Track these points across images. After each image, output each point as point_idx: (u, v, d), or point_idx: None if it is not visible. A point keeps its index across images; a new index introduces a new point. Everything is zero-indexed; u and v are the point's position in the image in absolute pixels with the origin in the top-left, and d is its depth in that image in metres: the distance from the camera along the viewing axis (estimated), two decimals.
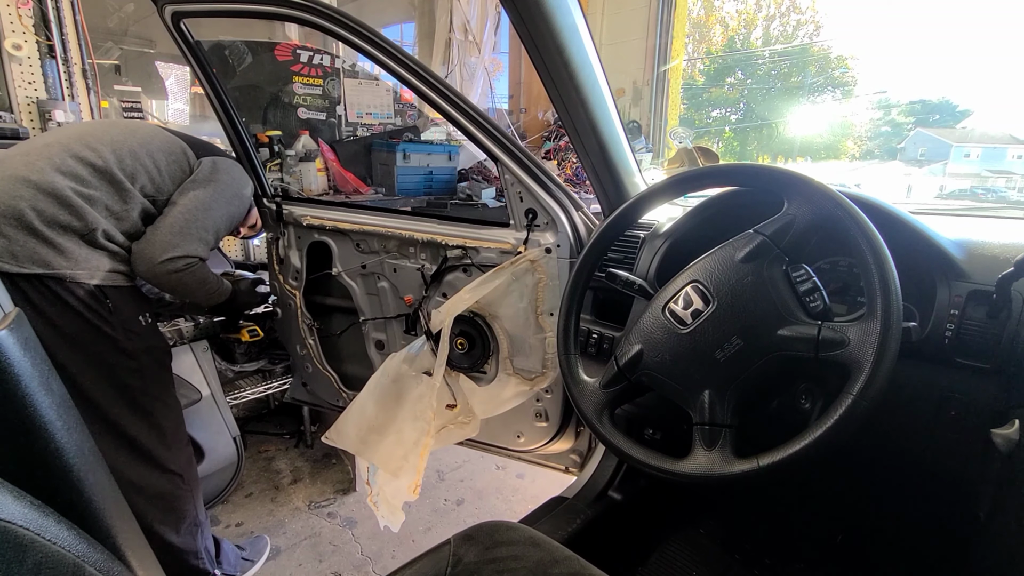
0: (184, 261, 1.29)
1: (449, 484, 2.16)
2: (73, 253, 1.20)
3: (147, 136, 1.37)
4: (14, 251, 1.13)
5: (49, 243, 1.16)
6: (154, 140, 1.37)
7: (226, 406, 1.90)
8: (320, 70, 2.67)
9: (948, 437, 0.85)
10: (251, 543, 1.74)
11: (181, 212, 1.32)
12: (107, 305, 1.24)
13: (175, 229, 1.29)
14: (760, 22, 14.33)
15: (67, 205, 1.19)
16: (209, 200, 1.36)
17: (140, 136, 1.35)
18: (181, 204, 1.33)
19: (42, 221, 1.16)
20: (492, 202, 2.62)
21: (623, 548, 1.22)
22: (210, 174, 1.40)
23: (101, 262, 1.24)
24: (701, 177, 0.91)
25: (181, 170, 1.39)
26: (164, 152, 1.36)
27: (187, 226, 1.31)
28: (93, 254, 1.23)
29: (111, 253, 1.26)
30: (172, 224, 1.30)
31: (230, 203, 1.43)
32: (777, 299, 0.76)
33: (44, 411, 0.49)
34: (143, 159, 1.32)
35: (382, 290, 1.52)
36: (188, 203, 1.33)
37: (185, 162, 1.40)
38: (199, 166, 1.42)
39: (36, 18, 1.97)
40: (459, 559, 0.81)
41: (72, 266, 1.19)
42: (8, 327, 0.48)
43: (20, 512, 0.38)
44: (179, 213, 1.31)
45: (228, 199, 1.42)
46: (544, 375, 1.33)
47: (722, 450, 0.76)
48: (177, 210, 1.32)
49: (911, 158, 10.56)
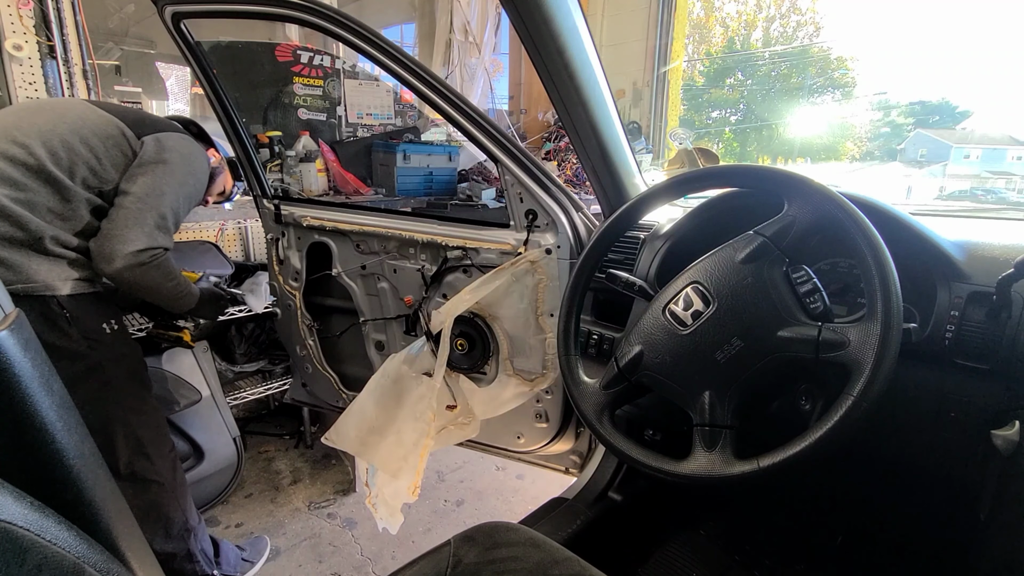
0: (149, 254, 1.21)
1: (449, 485, 2.16)
2: (23, 266, 1.12)
3: (78, 120, 1.25)
4: None
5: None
6: (86, 124, 1.25)
7: (226, 407, 1.90)
8: (320, 71, 2.67)
9: (948, 438, 0.85)
10: (251, 543, 1.73)
11: (134, 202, 1.23)
12: (65, 316, 1.17)
13: (131, 221, 1.21)
14: (760, 23, 14.34)
15: (5, 216, 1.11)
16: (160, 184, 1.27)
17: (70, 120, 1.24)
18: (132, 193, 1.24)
19: None
20: (492, 203, 2.62)
21: (623, 549, 1.21)
22: (156, 154, 1.29)
23: (55, 271, 1.17)
24: (701, 178, 0.91)
25: (123, 154, 1.28)
26: (100, 137, 1.25)
27: (142, 216, 1.22)
28: (44, 263, 1.16)
29: (65, 259, 1.19)
30: (127, 216, 1.21)
31: (184, 183, 1.33)
32: (777, 300, 0.76)
33: (44, 412, 0.49)
34: (78, 148, 1.21)
35: (382, 291, 1.52)
36: (139, 191, 1.24)
37: (125, 144, 1.29)
38: (142, 147, 1.30)
39: (37, 18, 1.97)
40: (459, 560, 0.81)
41: (23, 280, 1.12)
42: (8, 327, 0.48)
43: (20, 513, 0.38)
44: (132, 203, 1.22)
45: (181, 179, 1.32)
46: (544, 376, 1.33)
47: (722, 451, 0.76)
48: (129, 200, 1.23)
49: (911, 159, 10.58)
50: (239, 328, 2.19)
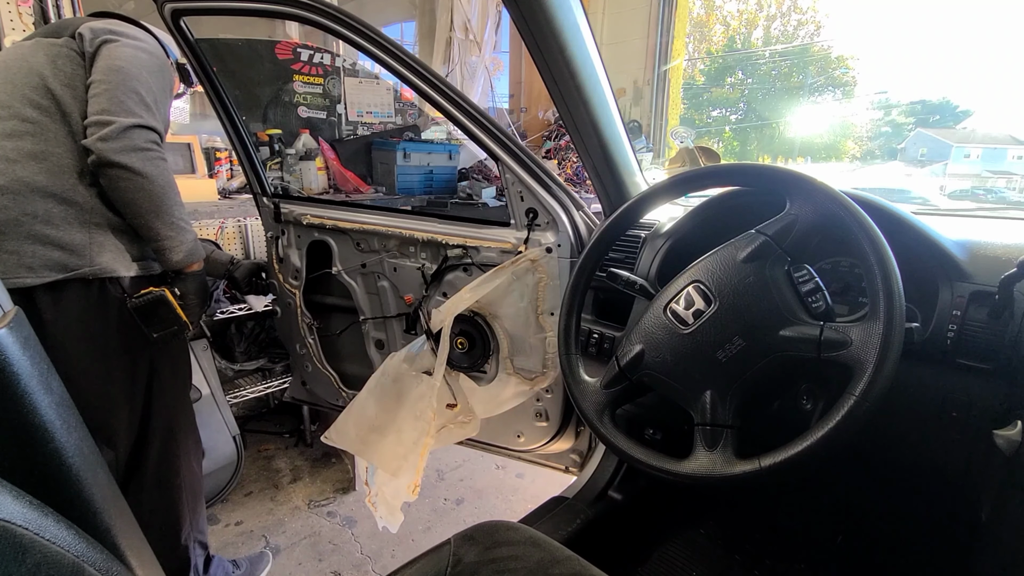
0: (144, 135, 1.07)
1: (449, 483, 2.16)
2: (84, 248, 1.08)
3: (23, 70, 1.10)
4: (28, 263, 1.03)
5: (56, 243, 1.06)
6: (30, 68, 1.10)
7: (226, 405, 1.90)
8: (321, 69, 2.67)
9: (950, 438, 0.85)
10: (250, 560, 1.66)
11: (101, 84, 1.08)
12: (126, 302, 1.14)
13: (109, 99, 1.06)
14: (761, 22, 14.33)
15: (49, 194, 1.05)
16: (117, 63, 1.11)
17: (19, 75, 1.10)
18: (96, 80, 1.09)
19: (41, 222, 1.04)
20: (492, 201, 2.62)
21: (623, 548, 1.21)
22: (96, 40, 1.13)
23: (118, 252, 1.12)
24: (703, 177, 0.90)
25: (73, 64, 1.12)
26: (48, 68, 1.10)
27: (116, 93, 1.07)
28: (106, 242, 1.10)
29: (126, 235, 1.13)
30: (103, 96, 1.06)
31: (140, 61, 1.14)
32: (779, 299, 0.76)
33: (44, 410, 0.49)
34: (54, 90, 1.08)
35: (382, 289, 1.52)
36: (100, 76, 1.09)
37: (70, 52, 1.12)
38: (80, 40, 1.13)
39: (36, 16, 1.96)
40: (459, 559, 0.81)
41: (89, 263, 1.08)
42: (8, 326, 0.48)
43: (20, 512, 0.38)
44: (101, 87, 1.08)
45: (133, 54, 1.13)
46: (544, 375, 1.33)
47: (724, 450, 0.75)
48: (96, 87, 1.08)
49: (911, 158, 10.57)
50: (239, 326, 2.19)
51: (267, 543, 1.80)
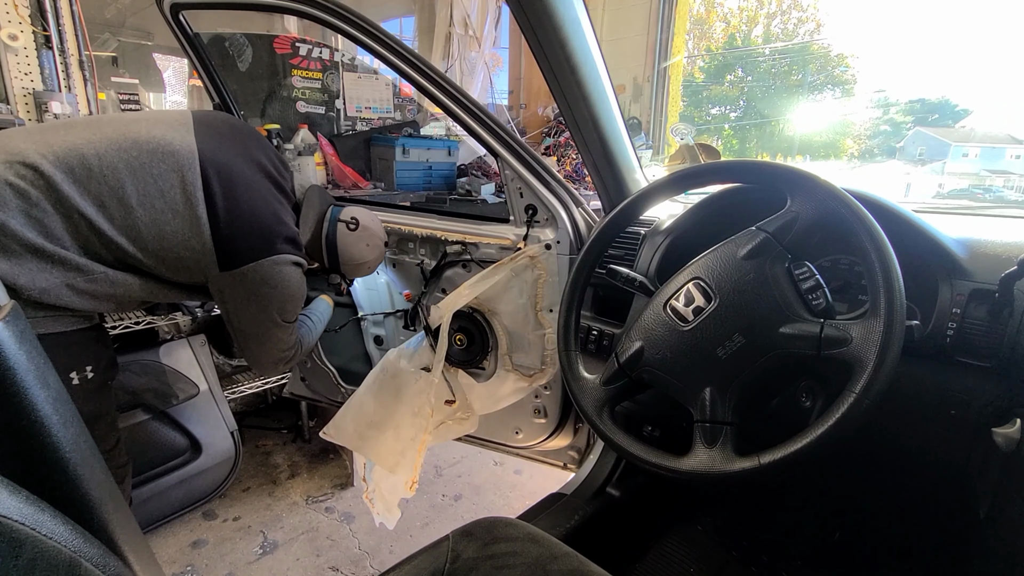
0: (286, 359, 1.25)
1: (447, 480, 2.16)
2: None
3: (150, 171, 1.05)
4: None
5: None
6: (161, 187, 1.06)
7: (224, 400, 1.90)
8: (319, 63, 2.66)
9: (949, 436, 0.85)
10: None
11: (243, 340, 1.20)
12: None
13: (256, 357, 1.23)
14: (761, 19, 14.30)
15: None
16: (260, 318, 1.17)
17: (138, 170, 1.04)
18: (239, 330, 1.18)
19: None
20: (492, 198, 2.61)
21: (621, 544, 1.22)
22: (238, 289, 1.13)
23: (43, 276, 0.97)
24: (703, 174, 0.90)
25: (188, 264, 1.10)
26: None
27: (259, 356, 1.23)
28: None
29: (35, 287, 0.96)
30: (250, 356, 1.23)
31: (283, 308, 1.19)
32: (779, 297, 0.76)
33: (40, 405, 0.49)
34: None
35: (381, 285, 1.52)
36: (243, 329, 1.18)
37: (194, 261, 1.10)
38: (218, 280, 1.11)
39: (32, 8, 1.95)
40: (458, 555, 0.81)
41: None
42: (3, 320, 0.47)
43: (16, 507, 0.38)
44: (243, 341, 1.20)
45: (279, 306, 1.18)
46: (543, 371, 1.33)
47: (723, 447, 0.75)
48: (239, 337, 1.19)
49: (910, 157, 10.58)
50: None
51: (265, 538, 1.80)
